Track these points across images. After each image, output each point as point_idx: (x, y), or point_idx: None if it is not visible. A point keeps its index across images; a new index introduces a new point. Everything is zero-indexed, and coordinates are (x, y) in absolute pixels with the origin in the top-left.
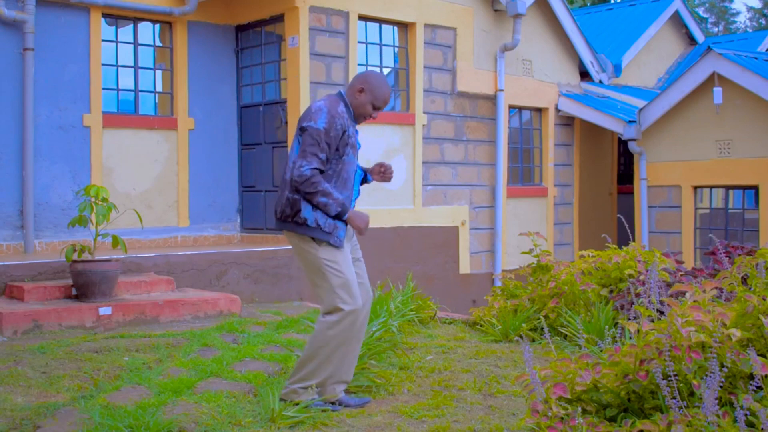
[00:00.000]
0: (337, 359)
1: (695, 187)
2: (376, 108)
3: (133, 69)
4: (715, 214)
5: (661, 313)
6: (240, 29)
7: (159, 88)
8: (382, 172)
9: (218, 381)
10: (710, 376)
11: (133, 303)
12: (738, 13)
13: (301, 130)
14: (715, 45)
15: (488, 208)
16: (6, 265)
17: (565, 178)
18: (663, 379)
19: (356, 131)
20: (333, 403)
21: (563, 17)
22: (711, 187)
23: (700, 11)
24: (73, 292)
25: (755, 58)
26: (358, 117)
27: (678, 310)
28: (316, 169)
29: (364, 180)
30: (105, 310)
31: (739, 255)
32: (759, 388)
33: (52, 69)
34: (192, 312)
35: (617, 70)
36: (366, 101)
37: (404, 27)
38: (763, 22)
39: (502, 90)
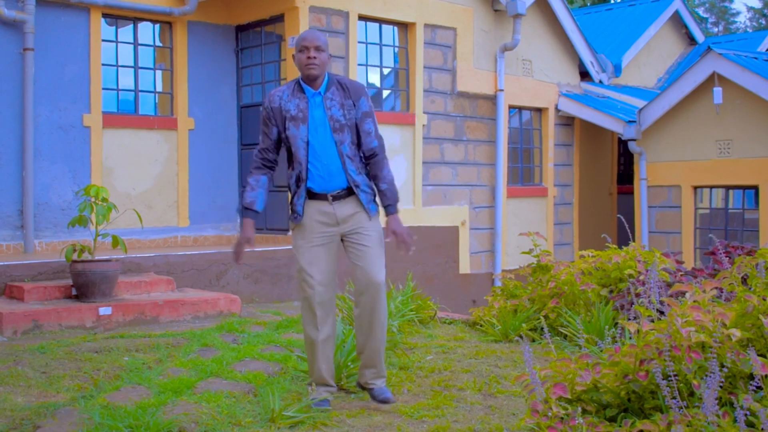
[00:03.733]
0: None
1: (695, 187)
2: (300, 51)
3: (133, 69)
4: (715, 214)
5: (661, 313)
6: (240, 29)
7: (159, 88)
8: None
9: (218, 381)
10: (710, 376)
11: (133, 303)
12: (738, 13)
13: None
14: (715, 45)
15: (488, 208)
16: (6, 265)
17: (565, 178)
18: (663, 379)
19: (307, 101)
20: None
21: (563, 17)
22: (711, 187)
23: (700, 11)
24: (73, 292)
25: (755, 58)
26: (307, 75)
27: (678, 310)
28: (257, 150)
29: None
30: (105, 310)
31: (739, 255)
32: (759, 388)
33: (52, 69)
34: (192, 312)
35: (617, 70)
36: (297, 55)
37: (404, 27)
38: (763, 22)
39: (502, 90)
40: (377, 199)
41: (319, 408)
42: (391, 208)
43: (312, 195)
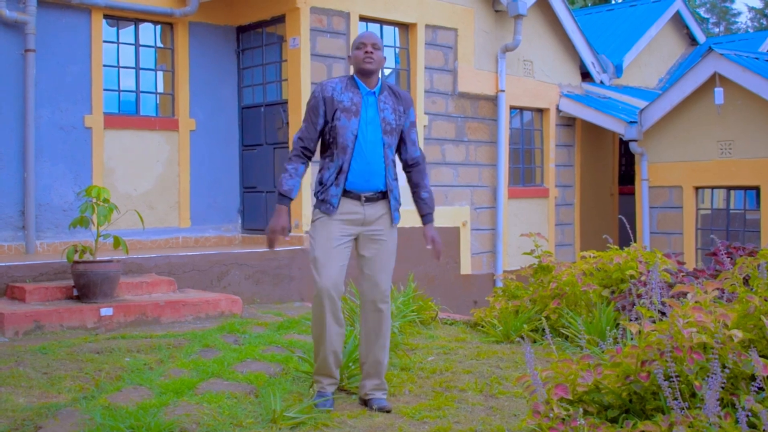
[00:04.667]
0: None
1: (696, 188)
2: (358, 48)
3: (134, 70)
4: (716, 214)
5: (663, 314)
6: (241, 30)
7: (160, 89)
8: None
9: (219, 382)
10: (712, 377)
11: (135, 304)
12: (739, 13)
13: None
14: (717, 45)
15: (489, 208)
16: (7, 265)
17: (566, 179)
18: (664, 380)
19: (361, 97)
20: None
21: (564, 18)
22: (712, 187)
23: (701, 12)
24: (75, 292)
25: (756, 58)
26: (363, 69)
27: (679, 311)
28: (298, 138)
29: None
30: (106, 311)
31: (741, 256)
32: (761, 389)
33: (54, 70)
34: (193, 313)
35: (618, 70)
36: (355, 53)
37: (405, 28)
38: (764, 22)
39: (503, 91)
40: (399, 208)
41: (323, 401)
42: (429, 217)
43: (345, 193)
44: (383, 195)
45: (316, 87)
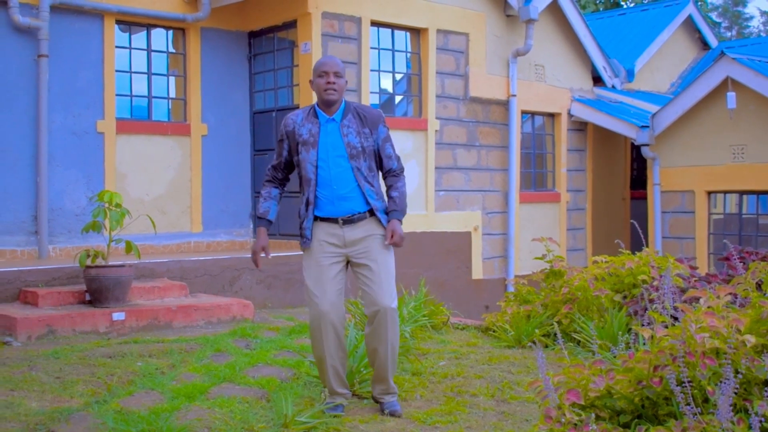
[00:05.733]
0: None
1: (709, 193)
2: (320, 77)
3: (146, 75)
4: (728, 219)
5: (675, 318)
6: (253, 35)
7: (172, 94)
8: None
9: (231, 386)
10: (725, 383)
11: (147, 308)
12: (751, 17)
13: None
14: (729, 50)
15: (501, 213)
16: (20, 270)
17: (577, 184)
18: (677, 386)
19: (319, 126)
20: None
21: (575, 22)
22: (725, 192)
23: (713, 16)
24: (87, 297)
25: None
26: (325, 99)
27: (692, 316)
28: (270, 166)
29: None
30: (118, 316)
31: (754, 260)
32: None
33: (66, 75)
34: (205, 317)
35: (630, 75)
36: (316, 80)
37: (416, 33)
38: None
39: (514, 95)
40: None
41: (332, 414)
42: (395, 214)
43: (322, 219)
44: (367, 214)
45: (283, 120)
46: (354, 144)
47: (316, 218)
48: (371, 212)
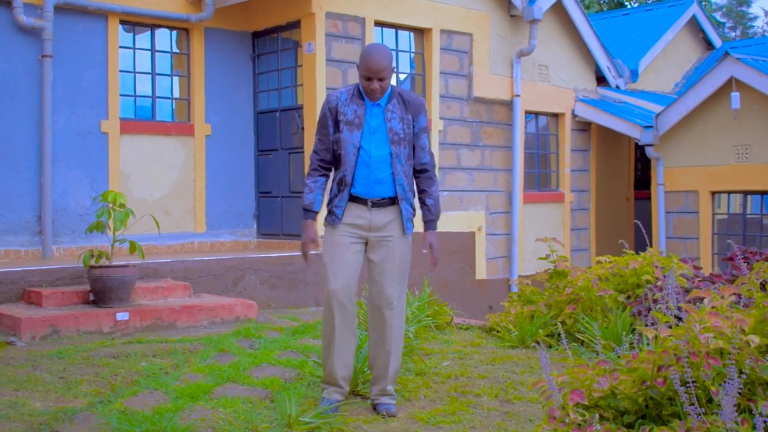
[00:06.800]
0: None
1: (713, 193)
2: (367, 79)
3: (150, 75)
4: (733, 219)
5: (679, 319)
6: (256, 35)
7: (176, 95)
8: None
9: (235, 386)
10: (729, 383)
11: (150, 308)
12: (756, 17)
13: None
14: (733, 50)
15: (504, 213)
16: (24, 270)
17: (581, 184)
18: (681, 386)
19: (365, 109)
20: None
21: (579, 22)
22: (729, 192)
23: (717, 16)
24: (91, 297)
25: None
26: (368, 94)
27: (696, 316)
28: (313, 152)
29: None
30: (122, 316)
31: (758, 261)
32: None
33: (70, 75)
34: (209, 317)
35: (634, 75)
36: (361, 77)
37: (420, 33)
38: None
39: (518, 95)
40: (413, 218)
41: (326, 409)
42: (431, 224)
43: (352, 198)
44: (393, 201)
45: (324, 100)
46: (396, 130)
47: (349, 198)
48: (395, 200)
